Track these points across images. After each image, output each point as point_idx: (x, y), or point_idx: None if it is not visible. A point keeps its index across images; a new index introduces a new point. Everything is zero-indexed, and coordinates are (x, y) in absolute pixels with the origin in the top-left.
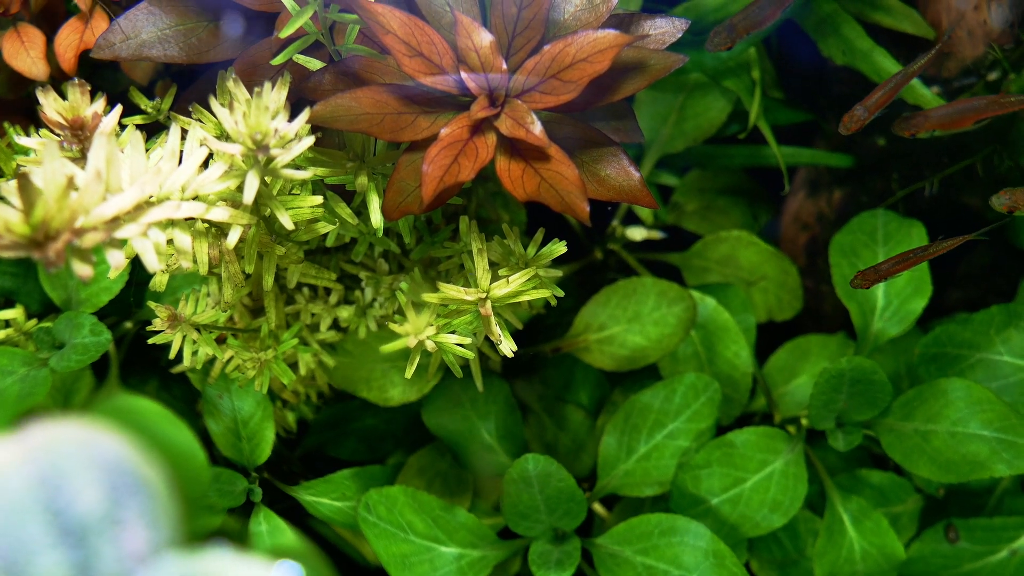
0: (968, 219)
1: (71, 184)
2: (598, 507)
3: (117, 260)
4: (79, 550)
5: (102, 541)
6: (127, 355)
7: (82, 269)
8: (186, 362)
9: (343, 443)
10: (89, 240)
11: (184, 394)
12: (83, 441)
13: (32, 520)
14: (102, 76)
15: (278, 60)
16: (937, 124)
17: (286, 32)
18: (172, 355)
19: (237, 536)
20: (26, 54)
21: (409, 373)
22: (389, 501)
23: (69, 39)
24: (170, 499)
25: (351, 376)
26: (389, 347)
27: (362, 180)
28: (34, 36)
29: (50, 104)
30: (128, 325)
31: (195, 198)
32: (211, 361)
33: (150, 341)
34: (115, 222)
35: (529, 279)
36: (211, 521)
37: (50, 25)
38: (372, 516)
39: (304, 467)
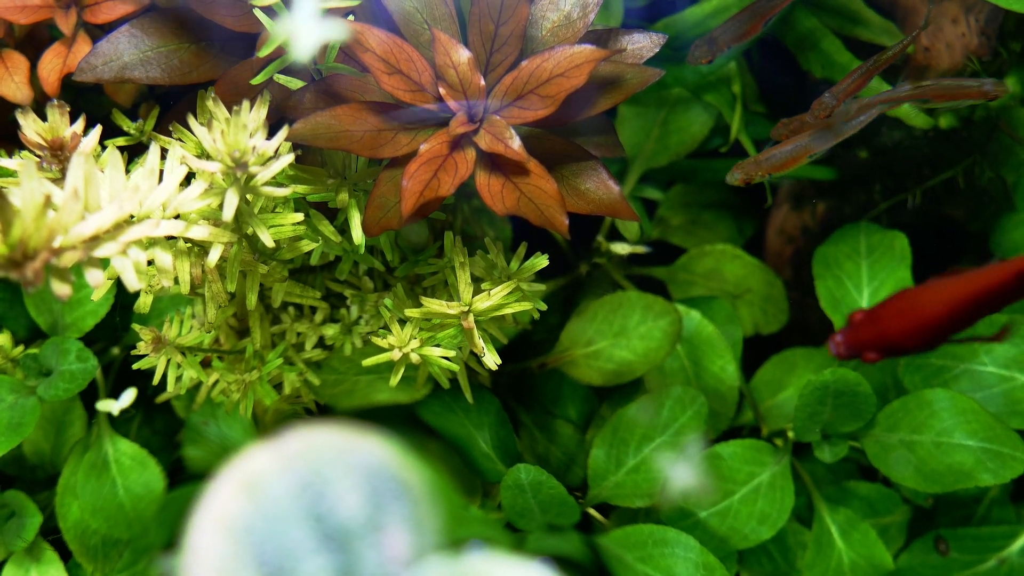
0: (950, 230)
1: (49, 203)
2: (595, 513)
3: (96, 279)
4: (342, 555)
5: (365, 546)
6: (114, 384)
7: (60, 288)
8: (170, 388)
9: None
10: (67, 259)
11: (165, 427)
12: (344, 447)
13: (296, 526)
14: (87, 99)
15: (258, 79)
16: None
17: (266, 51)
18: (156, 380)
19: None
20: (10, 79)
21: (394, 382)
22: None
23: (52, 63)
24: (433, 503)
25: (335, 392)
26: (372, 360)
27: (343, 197)
28: (18, 61)
29: (30, 125)
30: (115, 351)
31: (176, 217)
32: (196, 387)
33: (135, 367)
34: (94, 241)
35: (511, 292)
36: None
37: (34, 50)
38: None
39: None
